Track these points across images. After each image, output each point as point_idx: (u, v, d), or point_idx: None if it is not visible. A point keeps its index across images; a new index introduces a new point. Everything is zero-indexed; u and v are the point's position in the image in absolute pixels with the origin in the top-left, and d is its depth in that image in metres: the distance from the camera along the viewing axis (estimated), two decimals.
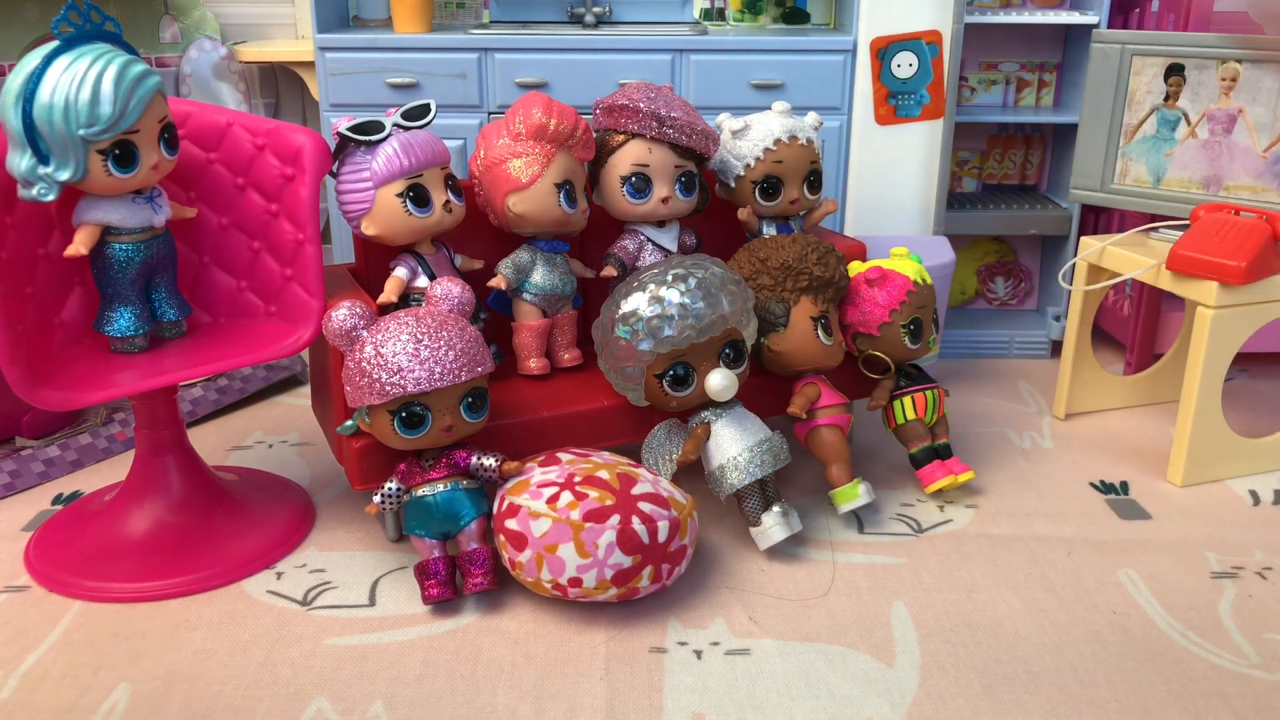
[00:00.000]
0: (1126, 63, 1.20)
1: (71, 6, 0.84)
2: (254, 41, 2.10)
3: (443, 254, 0.98)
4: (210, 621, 0.83)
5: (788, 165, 1.05)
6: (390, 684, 0.75)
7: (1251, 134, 1.16)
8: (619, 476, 0.83)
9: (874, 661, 0.78)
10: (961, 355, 1.50)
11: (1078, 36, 1.61)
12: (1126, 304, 1.44)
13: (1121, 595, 0.87)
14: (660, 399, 0.90)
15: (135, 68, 0.86)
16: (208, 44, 1.97)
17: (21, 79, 0.82)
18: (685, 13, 2.05)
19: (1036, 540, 0.96)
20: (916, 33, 1.52)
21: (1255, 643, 0.81)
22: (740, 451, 0.89)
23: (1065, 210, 1.55)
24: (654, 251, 1.03)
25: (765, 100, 1.65)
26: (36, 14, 1.77)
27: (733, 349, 0.91)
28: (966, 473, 1.02)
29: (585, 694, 0.74)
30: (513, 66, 1.69)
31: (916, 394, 1.03)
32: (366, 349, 0.79)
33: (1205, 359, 1.03)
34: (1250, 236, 1.04)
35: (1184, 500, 1.05)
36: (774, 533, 0.90)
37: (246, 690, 0.74)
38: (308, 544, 0.95)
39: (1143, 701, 0.73)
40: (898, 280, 1.01)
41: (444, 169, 0.94)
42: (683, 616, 0.83)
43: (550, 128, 0.95)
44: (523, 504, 0.81)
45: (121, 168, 0.87)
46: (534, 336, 1.00)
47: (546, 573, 0.79)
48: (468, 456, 0.85)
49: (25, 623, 0.82)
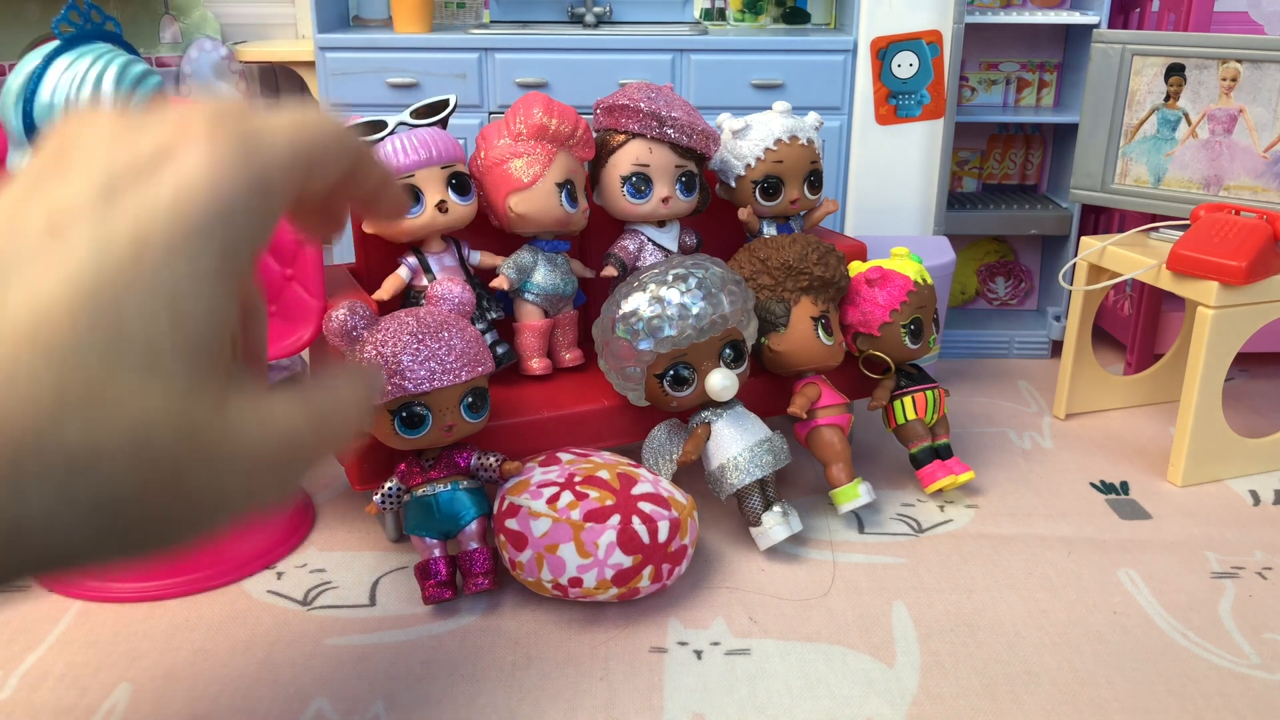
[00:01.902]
0: (1127, 63, 1.20)
1: (72, 6, 0.84)
2: (254, 41, 2.10)
3: (451, 251, 0.97)
4: (210, 621, 0.83)
5: (788, 165, 1.05)
6: (390, 684, 0.75)
7: (1252, 134, 1.16)
8: (619, 476, 0.83)
9: (874, 661, 0.78)
10: (961, 355, 1.50)
11: (1078, 36, 1.61)
12: (1127, 304, 1.44)
13: (1121, 595, 0.87)
14: (661, 399, 0.90)
15: (136, 67, 0.86)
16: (208, 44, 1.97)
17: (22, 79, 0.82)
18: (685, 13, 2.05)
19: (1036, 540, 0.96)
20: (917, 33, 1.52)
21: (1255, 643, 0.81)
22: (740, 451, 0.89)
23: (1065, 210, 1.55)
24: (654, 251, 1.03)
25: (765, 100, 1.65)
26: (37, 14, 1.77)
27: (733, 349, 0.90)
28: (966, 473, 1.02)
29: (585, 694, 0.74)
30: (513, 66, 1.69)
31: (917, 394, 1.03)
32: (366, 349, 0.78)
33: (1205, 359, 1.03)
34: (1250, 236, 1.03)
35: (1184, 500, 1.05)
36: (774, 533, 0.90)
37: (246, 690, 0.74)
38: (308, 544, 0.95)
39: (1143, 701, 0.73)
40: (898, 280, 1.00)
41: (447, 167, 0.93)
42: (683, 616, 0.83)
43: (551, 128, 0.95)
44: (523, 504, 0.81)
45: None
46: (536, 337, 1.00)
47: (547, 573, 0.79)
48: (468, 456, 0.85)
49: (25, 623, 0.82)
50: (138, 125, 0.41)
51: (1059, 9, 1.60)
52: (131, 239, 0.38)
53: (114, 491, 0.38)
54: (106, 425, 0.37)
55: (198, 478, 0.41)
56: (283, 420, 0.46)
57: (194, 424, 0.40)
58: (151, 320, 0.38)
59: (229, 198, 0.40)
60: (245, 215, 0.41)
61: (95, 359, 0.37)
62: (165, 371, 0.38)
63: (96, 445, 0.37)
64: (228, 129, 0.42)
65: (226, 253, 0.40)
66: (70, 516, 0.37)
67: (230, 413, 0.42)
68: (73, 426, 0.36)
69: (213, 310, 0.40)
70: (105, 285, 0.37)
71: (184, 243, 0.39)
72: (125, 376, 0.37)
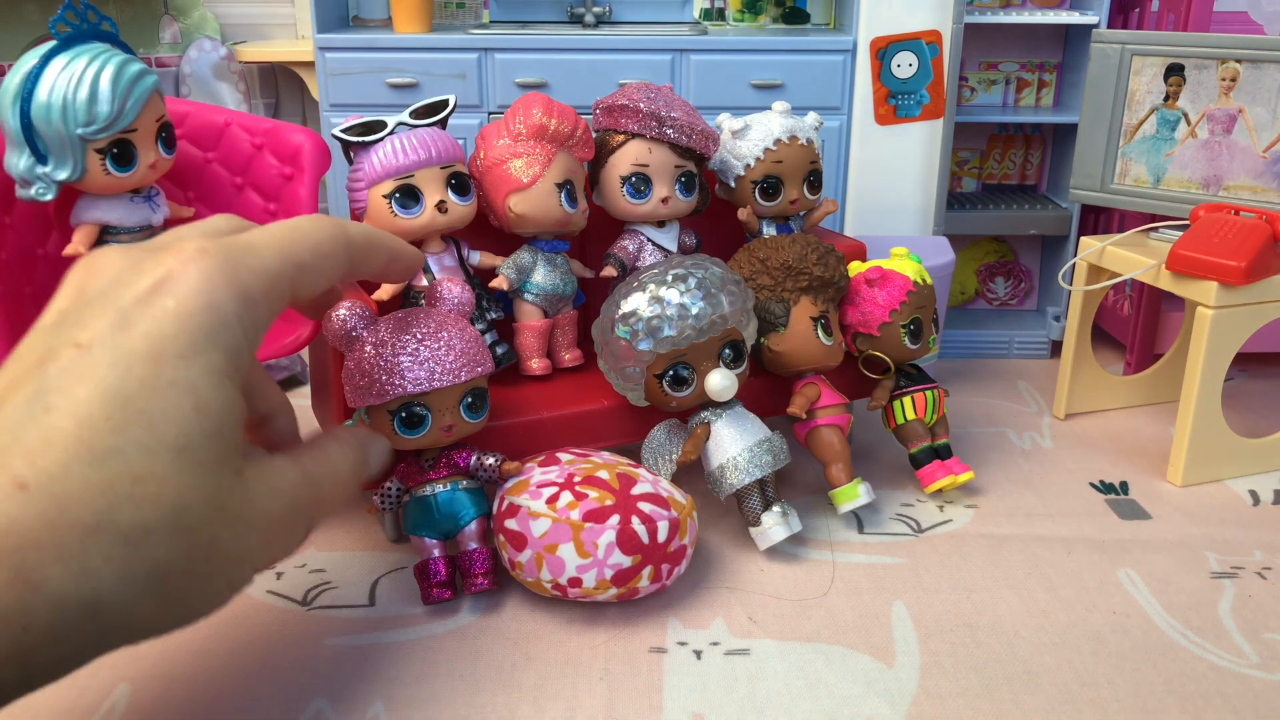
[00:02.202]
0: (1126, 63, 1.20)
1: (68, 6, 0.84)
2: (254, 41, 2.10)
3: (451, 251, 0.97)
4: (210, 621, 0.82)
5: (788, 165, 1.05)
6: (390, 684, 0.75)
7: (1251, 134, 1.16)
8: (619, 476, 0.83)
9: (874, 662, 0.78)
10: (961, 355, 1.50)
11: (1078, 36, 1.61)
12: (1126, 304, 1.44)
13: (1121, 595, 0.87)
14: (660, 399, 0.90)
15: (132, 67, 0.86)
16: (208, 44, 1.97)
17: (19, 79, 0.82)
18: (685, 13, 2.05)
19: (1036, 540, 0.96)
20: (916, 33, 1.52)
21: (1255, 643, 0.81)
22: (740, 451, 0.89)
23: (1065, 210, 1.55)
24: (654, 252, 1.03)
25: (765, 100, 1.65)
26: (36, 14, 1.77)
27: (732, 349, 0.90)
28: (966, 473, 1.02)
29: (585, 694, 0.74)
30: (513, 66, 1.70)
31: (916, 394, 1.03)
32: (366, 349, 0.78)
33: (1205, 359, 1.03)
34: (1250, 236, 1.03)
35: (1184, 500, 1.05)
36: (774, 533, 0.90)
37: (246, 690, 0.74)
38: (307, 544, 0.95)
39: (1143, 701, 0.73)
40: (898, 280, 1.00)
41: (446, 167, 0.93)
42: (683, 616, 0.83)
43: (550, 128, 0.95)
44: (522, 504, 0.81)
45: (120, 167, 0.87)
46: (535, 337, 1.00)
47: (546, 573, 0.79)
48: (468, 456, 0.85)
49: None
50: (139, 261, 0.49)
51: (1059, 9, 1.60)
52: (146, 350, 0.45)
53: (164, 562, 0.44)
54: (152, 505, 0.43)
55: (226, 542, 0.48)
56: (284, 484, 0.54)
57: (220, 496, 0.47)
58: (179, 414, 0.45)
59: (222, 306, 0.48)
60: (238, 321, 0.49)
61: (135, 451, 0.43)
62: (194, 455, 0.45)
63: (146, 524, 0.43)
64: (215, 250, 0.49)
65: (229, 354, 0.48)
66: (132, 590, 0.43)
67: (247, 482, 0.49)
68: (124, 510, 0.42)
69: (228, 399, 0.47)
70: (131, 390, 0.44)
71: (193, 349, 0.46)
72: (162, 463, 0.44)
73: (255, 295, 0.50)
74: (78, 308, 0.47)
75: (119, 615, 0.43)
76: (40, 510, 0.40)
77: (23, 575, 0.39)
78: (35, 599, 0.39)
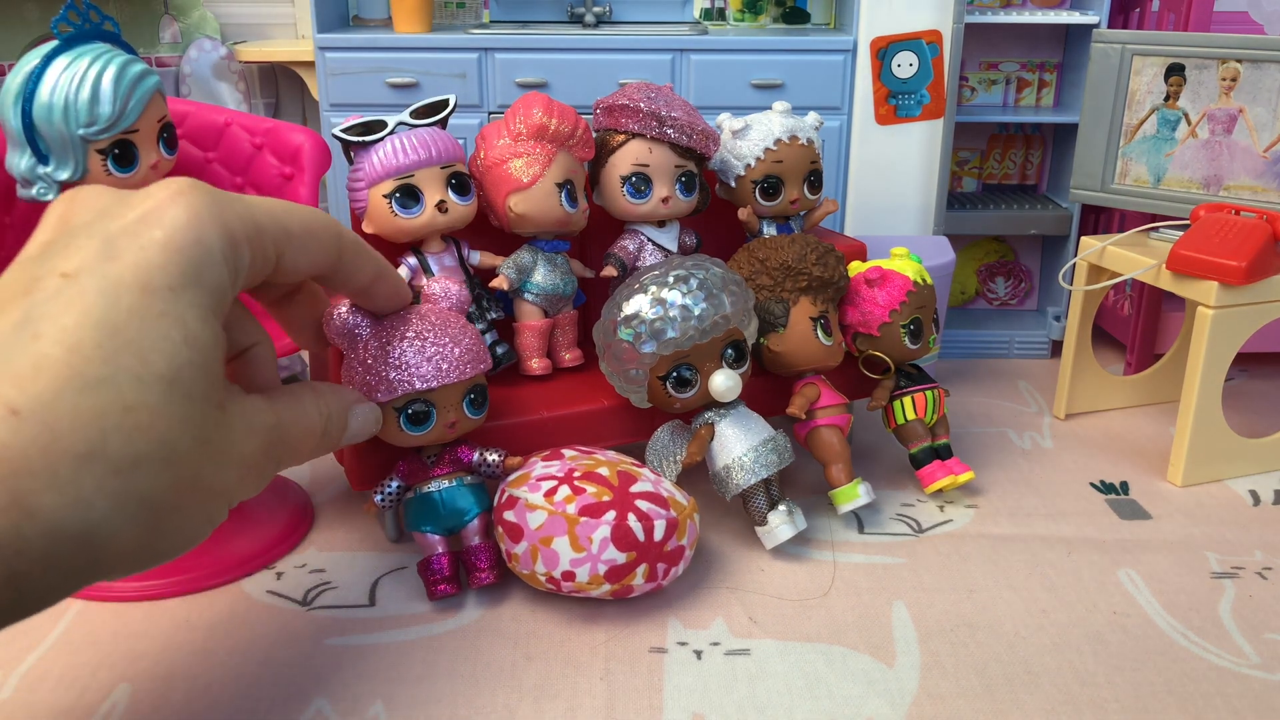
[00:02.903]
0: (1126, 63, 1.20)
1: (70, 6, 0.84)
2: (254, 41, 2.09)
3: (451, 251, 0.97)
4: (210, 621, 0.83)
5: (788, 165, 1.05)
6: (390, 684, 0.75)
7: (1252, 134, 1.16)
8: (619, 474, 0.83)
9: (874, 662, 0.78)
10: (961, 355, 1.50)
11: (1078, 36, 1.61)
12: (1127, 304, 1.44)
13: (1122, 595, 0.87)
14: (664, 401, 0.90)
15: (134, 67, 0.86)
16: (208, 44, 1.97)
17: (21, 78, 0.82)
18: (685, 13, 2.05)
19: (1036, 540, 0.96)
20: (917, 33, 1.52)
21: (1255, 643, 0.81)
22: (745, 452, 0.89)
23: (1065, 210, 1.55)
24: (654, 252, 1.03)
25: (765, 100, 1.65)
26: (36, 14, 1.77)
27: (735, 349, 0.90)
28: (966, 473, 1.02)
29: (585, 694, 0.74)
30: (513, 66, 1.70)
31: (916, 394, 1.03)
32: (371, 346, 0.78)
33: (1205, 359, 1.03)
34: (1250, 236, 1.03)
35: (1184, 500, 1.05)
36: (780, 531, 0.90)
37: (246, 690, 0.74)
38: (307, 544, 0.95)
39: (1143, 701, 0.73)
40: (898, 280, 1.00)
41: (447, 167, 0.93)
42: (683, 616, 0.83)
43: (550, 128, 0.95)
44: (520, 496, 0.81)
45: (121, 167, 0.87)
46: (536, 337, 1.00)
47: (541, 565, 0.79)
48: (470, 452, 0.85)
49: (25, 623, 0.82)
50: (125, 195, 0.49)
51: (1059, 9, 1.60)
52: (134, 280, 0.45)
53: (152, 494, 0.44)
54: (143, 436, 0.43)
55: (208, 476, 0.48)
56: (259, 423, 0.54)
57: (206, 429, 0.47)
58: (169, 345, 0.45)
59: (209, 241, 0.48)
60: (224, 260, 0.49)
61: (126, 381, 0.43)
62: (184, 387, 0.45)
63: (136, 454, 0.43)
64: (201, 190, 0.49)
65: (214, 291, 0.48)
66: (122, 521, 0.43)
67: (229, 417, 0.50)
68: (115, 440, 0.42)
69: (214, 334, 0.48)
70: (120, 320, 0.44)
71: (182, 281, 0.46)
72: (153, 394, 0.44)
73: (239, 238, 0.50)
74: (63, 239, 0.47)
75: (109, 546, 0.43)
76: (33, 436, 0.39)
77: (18, 500, 0.38)
78: (30, 525, 0.39)
